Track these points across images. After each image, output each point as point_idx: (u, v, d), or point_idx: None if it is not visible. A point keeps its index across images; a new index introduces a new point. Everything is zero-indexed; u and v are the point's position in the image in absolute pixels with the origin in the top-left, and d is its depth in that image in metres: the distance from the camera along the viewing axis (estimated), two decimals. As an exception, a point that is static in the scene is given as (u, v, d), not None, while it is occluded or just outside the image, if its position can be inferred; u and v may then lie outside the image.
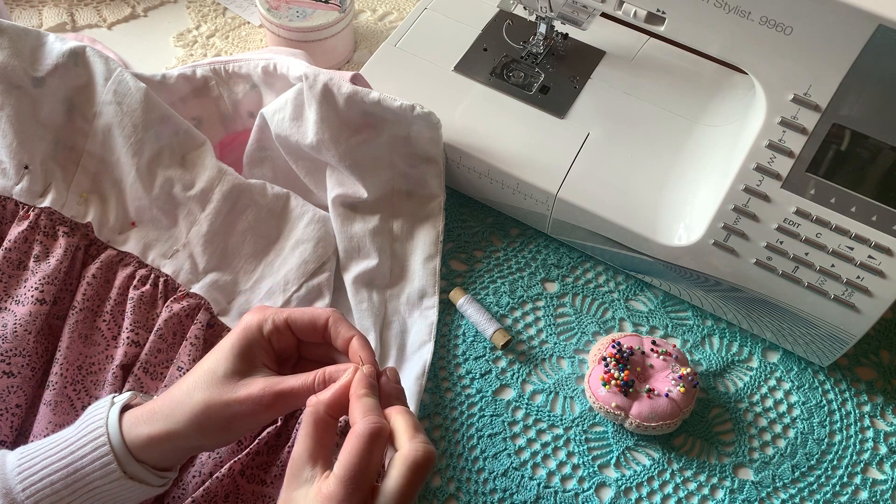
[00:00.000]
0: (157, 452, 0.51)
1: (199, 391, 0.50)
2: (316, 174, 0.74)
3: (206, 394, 0.50)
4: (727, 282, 0.68)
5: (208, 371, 0.51)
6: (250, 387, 0.50)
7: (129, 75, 0.70)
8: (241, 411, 0.50)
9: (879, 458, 0.68)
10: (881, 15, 0.51)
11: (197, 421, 0.50)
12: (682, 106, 0.76)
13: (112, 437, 0.50)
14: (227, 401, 0.49)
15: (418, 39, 0.81)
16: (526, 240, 0.77)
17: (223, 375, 0.50)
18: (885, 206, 0.59)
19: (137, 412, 0.51)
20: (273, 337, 0.53)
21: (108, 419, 0.50)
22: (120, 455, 0.50)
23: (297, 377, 0.50)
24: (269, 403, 0.50)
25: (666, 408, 0.65)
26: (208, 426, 0.50)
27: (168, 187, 0.71)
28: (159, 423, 0.50)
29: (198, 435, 0.50)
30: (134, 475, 0.50)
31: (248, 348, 0.51)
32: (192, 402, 0.50)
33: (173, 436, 0.50)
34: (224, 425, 0.51)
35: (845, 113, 0.57)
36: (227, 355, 0.51)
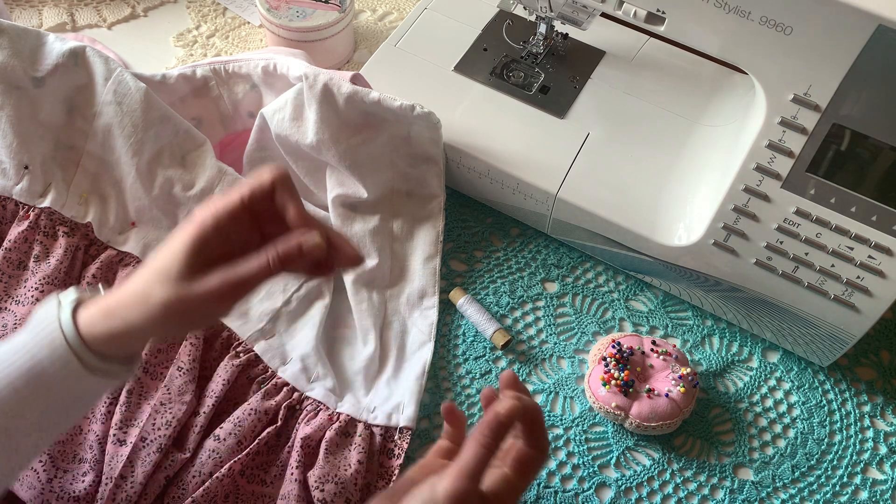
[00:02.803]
0: (119, 346, 0.50)
1: (155, 290, 0.48)
2: (316, 174, 0.74)
3: (163, 293, 0.48)
4: (727, 282, 0.68)
5: (163, 270, 0.49)
6: (208, 282, 0.48)
7: (129, 75, 0.70)
8: (202, 306, 0.49)
9: (879, 458, 0.68)
10: (881, 15, 0.51)
11: (157, 318, 0.48)
12: (682, 106, 0.76)
13: (69, 338, 0.48)
14: (186, 298, 0.48)
15: (418, 39, 0.81)
16: (526, 240, 0.77)
17: (178, 274, 0.48)
18: (885, 206, 0.59)
19: (92, 311, 0.49)
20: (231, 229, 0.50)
21: (62, 321, 0.49)
22: (81, 354, 0.48)
23: (251, 262, 0.49)
24: (230, 293, 0.49)
25: (666, 408, 0.65)
26: (169, 322, 0.49)
27: (168, 187, 0.71)
28: (118, 320, 0.49)
29: (160, 329, 0.49)
30: (99, 370, 0.49)
31: (202, 245, 0.49)
32: (149, 301, 0.48)
33: (134, 331, 0.49)
34: (186, 320, 0.50)
35: (845, 113, 0.57)
36: (181, 254, 0.49)
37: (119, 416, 0.61)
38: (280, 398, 0.64)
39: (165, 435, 0.60)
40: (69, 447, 0.61)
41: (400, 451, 0.63)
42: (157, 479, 0.59)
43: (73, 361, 0.48)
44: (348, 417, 0.63)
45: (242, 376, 0.65)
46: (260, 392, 0.63)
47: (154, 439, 0.60)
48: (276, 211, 0.50)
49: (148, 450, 0.59)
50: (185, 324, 0.51)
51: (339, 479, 0.59)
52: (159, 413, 0.61)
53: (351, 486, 0.59)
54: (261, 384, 0.65)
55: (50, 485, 0.58)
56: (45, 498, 0.58)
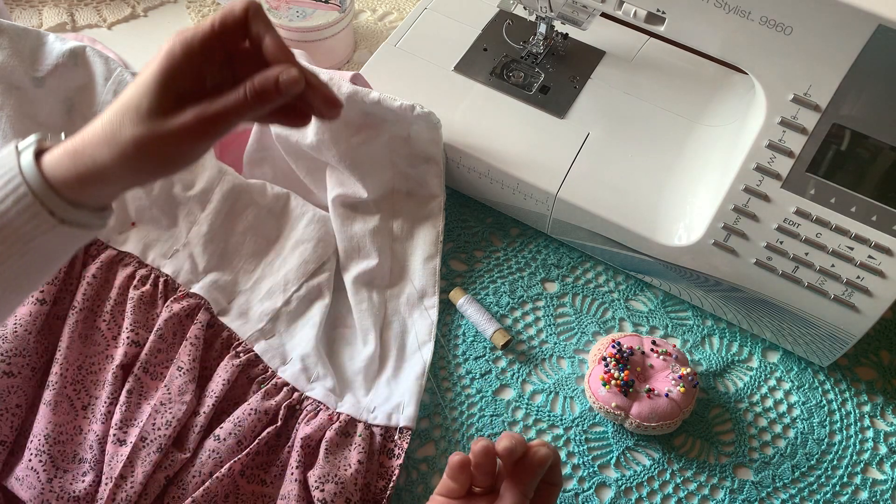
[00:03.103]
0: (89, 192, 0.47)
1: (125, 127, 0.45)
2: (316, 174, 0.74)
3: (134, 130, 0.45)
4: (727, 282, 0.68)
5: (133, 106, 0.46)
6: (182, 117, 0.45)
7: (129, 75, 0.70)
8: (178, 144, 0.46)
9: (879, 458, 0.68)
10: (881, 15, 0.52)
11: (128, 157, 0.45)
12: (682, 106, 0.76)
13: (34, 185, 0.45)
14: (158, 134, 0.45)
15: (418, 39, 0.81)
16: (526, 240, 0.77)
17: (149, 109, 0.45)
18: (885, 206, 0.59)
19: (56, 154, 0.46)
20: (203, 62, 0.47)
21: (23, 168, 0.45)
22: (48, 201, 0.45)
23: (227, 96, 0.46)
24: (206, 129, 0.46)
25: (666, 408, 0.65)
26: (142, 162, 0.46)
27: (168, 187, 0.71)
28: (86, 161, 0.45)
29: (133, 173, 0.47)
30: (70, 219, 0.46)
31: (173, 77, 0.46)
32: (119, 139, 0.45)
33: (104, 174, 0.46)
34: (159, 160, 0.47)
35: (845, 113, 0.57)
36: (152, 87, 0.45)
37: (119, 416, 0.61)
38: (280, 398, 0.64)
39: (165, 435, 0.60)
40: (69, 447, 0.61)
41: (400, 451, 0.63)
42: (157, 479, 0.59)
43: (41, 211, 0.45)
44: (348, 417, 0.63)
45: (242, 376, 0.65)
46: (260, 392, 0.63)
47: (154, 439, 0.60)
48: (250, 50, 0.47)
49: (148, 450, 0.59)
50: (159, 164, 0.47)
51: (339, 478, 0.59)
52: (159, 413, 0.61)
53: (351, 486, 0.59)
54: (261, 384, 0.65)
55: (50, 485, 0.58)
56: (45, 498, 0.58)
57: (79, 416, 0.62)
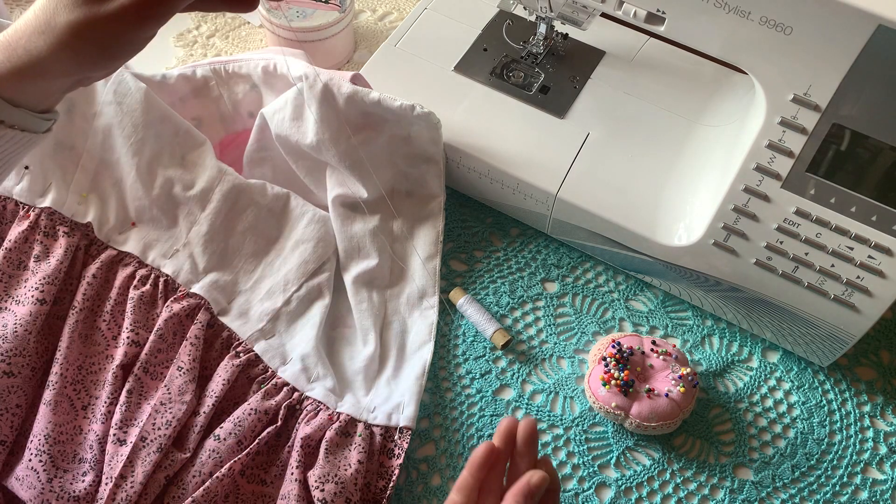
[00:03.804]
0: (29, 91, 0.44)
1: (59, 14, 0.42)
2: (316, 174, 0.74)
3: (70, 16, 0.42)
4: (727, 282, 0.68)
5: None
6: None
7: (129, 75, 0.70)
8: (117, 28, 0.43)
9: (879, 458, 0.68)
10: (881, 15, 0.52)
11: (68, 46, 0.42)
12: (682, 106, 0.76)
13: None
14: (97, 18, 0.42)
15: (418, 39, 0.81)
16: (526, 240, 0.77)
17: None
18: (885, 206, 0.59)
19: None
20: None
21: None
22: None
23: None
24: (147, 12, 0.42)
25: (666, 408, 0.65)
26: (83, 52, 0.43)
27: (168, 187, 0.71)
28: (20, 53, 0.43)
29: (73, 64, 0.44)
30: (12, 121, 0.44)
31: None
32: (54, 26, 0.42)
33: (42, 67, 0.43)
34: (100, 48, 0.43)
35: (845, 113, 0.57)
36: None
37: (119, 416, 0.61)
38: (280, 398, 0.64)
39: (165, 435, 0.60)
40: (69, 447, 0.61)
41: (400, 450, 0.63)
42: (157, 479, 0.59)
43: None
44: (348, 417, 0.63)
45: (242, 376, 0.65)
46: (260, 392, 0.63)
47: (154, 439, 0.60)
48: None
49: (148, 450, 0.59)
50: (98, 52, 0.44)
51: (339, 478, 0.59)
52: (159, 413, 0.61)
53: (351, 485, 0.59)
54: (261, 384, 0.65)
55: (50, 485, 0.58)
56: (45, 498, 0.58)
57: (79, 416, 0.62)
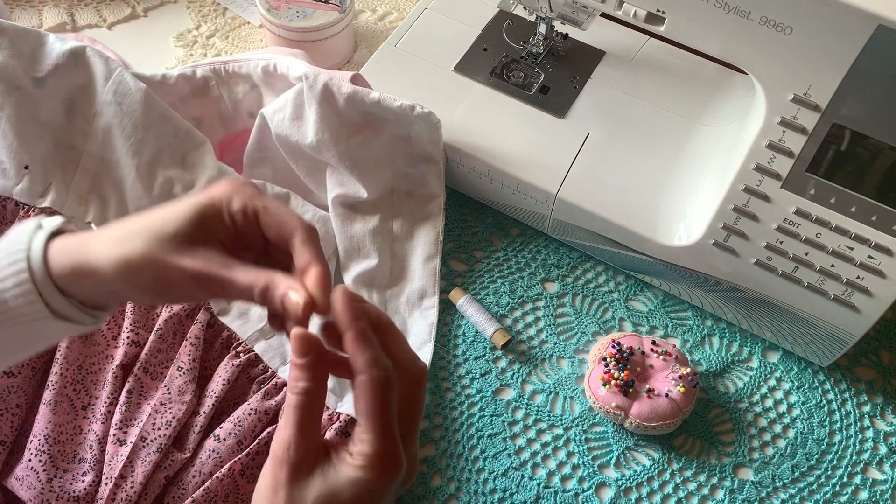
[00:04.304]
0: (82, 288, 0.45)
1: (140, 239, 0.44)
2: (316, 174, 0.74)
3: (148, 246, 0.44)
4: (727, 282, 0.68)
5: (160, 223, 0.44)
6: (195, 258, 0.44)
7: (129, 75, 0.70)
8: (176, 280, 0.44)
9: (879, 458, 0.68)
10: (881, 15, 0.51)
11: (127, 270, 0.44)
12: (682, 106, 0.76)
13: (34, 267, 0.44)
14: (167, 264, 0.44)
15: (418, 39, 0.81)
16: (526, 240, 0.77)
17: (173, 234, 0.44)
18: (885, 206, 0.59)
19: (68, 240, 0.45)
20: (238, 220, 0.45)
21: (31, 246, 0.44)
22: (43, 288, 0.44)
23: (245, 272, 0.44)
24: (207, 284, 0.44)
25: (666, 408, 0.65)
26: (138, 280, 0.44)
27: (168, 187, 0.71)
28: (86, 256, 0.44)
29: (124, 284, 0.45)
30: (60, 312, 0.45)
31: (209, 219, 0.45)
32: (128, 248, 0.44)
33: (98, 275, 0.44)
34: (153, 286, 0.45)
35: (845, 113, 0.57)
36: (185, 217, 0.44)
37: (119, 416, 0.61)
38: (280, 398, 0.63)
39: (165, 435, 0.60)
40: (69, 447, 0.61)
41: (400, 451, 0.63)
42: (157, 479, 0.59)
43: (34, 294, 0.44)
44: (348, 417, 0.63)
45: (242, 376, 0.65)
46: (260, 392, 0.63)
47: (154, 439, 0.60)
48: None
49: (148, 450, 0.59)
50: (153, 291, 0.45)
51: (339, 479, 0.59)
52: (159, 413, 0.61)
53: (351, 486, 0.59)
54: (261, 384, 0.65)
55: (50, 485, 0.58)
56: (44, 498, 0.58)
57: (79, 416, 0.62)
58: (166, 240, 0.44)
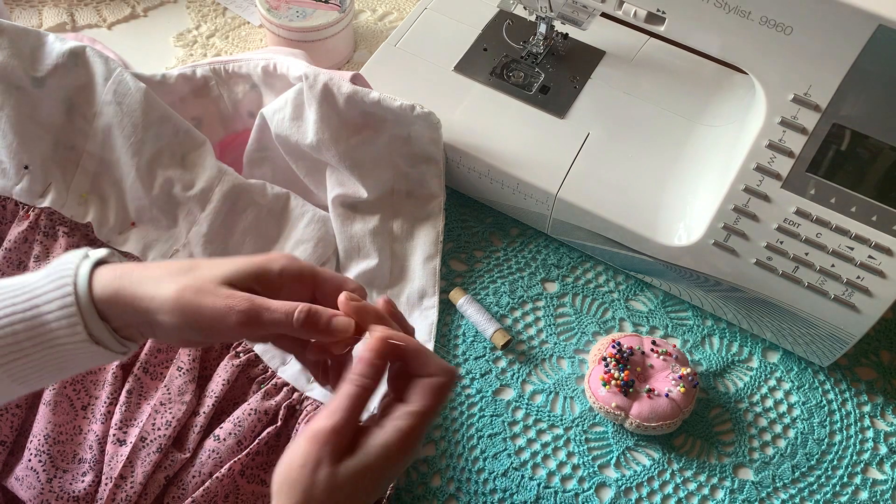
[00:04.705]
0: (120, 313, 0.47)
1: (182, 277, 0.47)
2: (316, 174, 0.74)
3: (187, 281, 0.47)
4: (727, 282, 0.68)
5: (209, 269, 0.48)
6: (234, 298, 0.46)
7: (129, 75, 0.70)
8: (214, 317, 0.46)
9: (879, 458, 0.68)
10: (881, 15, 0.51)
11: (167, 303, 0.46)
12: (682, 106, 0.76)
13: (80, 291, 0.46)
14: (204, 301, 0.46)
15: (418, 39, 0.81)
16: (526, 240, 0.77)
17: (221, 276, 0.47)
18: (885, 206, 0.59)
19: (113, 267, 0.48)
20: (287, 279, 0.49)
21: (78, 271, 0.47)
22: (86, 312, 0.46)
23: (281, 304, 0.47)
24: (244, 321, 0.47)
25: (666, 408, 0.65)
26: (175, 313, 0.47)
27: (168, 187, 0.71)
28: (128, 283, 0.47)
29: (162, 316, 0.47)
30: (95, 335, 0.47)
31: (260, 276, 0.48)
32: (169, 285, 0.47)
33: (137, 303, 0.47)
34: (190, 322, 0.47)
35: (845, 113, 0.57)
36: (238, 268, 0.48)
37: (119, 416, 0.61)
38: (280, 398, 0.63)
39: (165, 435, 0.60)
40: (69, 447, 0.61)
41: (400, 451, 0.63)
42: (157, 479, 0.59)
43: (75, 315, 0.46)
44: (348, 417, 0.63)
45: (242, 376, 0.65)
46: (260, 392, 0.63)
47: (154, 439, 0.60)
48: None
49: (148, 450, 0.59)
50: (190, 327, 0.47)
51: (339, 479, 0.59)
52: (159, 413, 0.61)
53: (351, 486, 0.59)
54: (261, 384, 0.65)
55: (50, 485, 0.58)
56: (44, 498, 0.58)
57: (79, 416, 0.62)
58: (212, 281, 0.47)
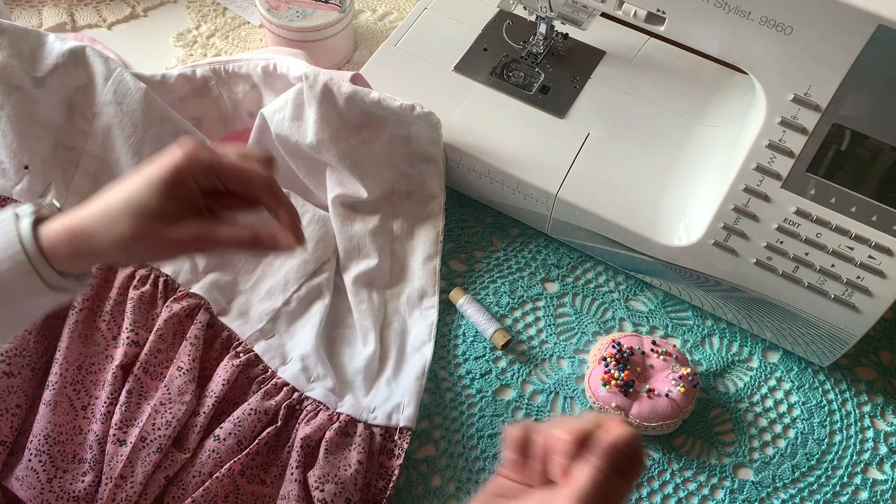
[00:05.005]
0: (79, 266, 0.51)
1: (126, 222, 0.49)
2: (316, 174, 0.74)
3: (136, 227, 0.49)
4: (727, 282, 0.68)
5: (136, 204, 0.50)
6: (182, 231, 0.50)
7: (129, 75, 0.70)
8: (170, 248, 0.51)
9: (879, 458, 0.68)
10: (881, 15, 0.51)
11: (123, 247, 0.50)
12: (682, 106, 0.76)
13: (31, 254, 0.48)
14: (157, 239, 0.50)
15: (418, 39, 0.81)
16: (526, 240, 0.77)
17: (155, 212, 0.49)
18: (885, 206, 0.59)
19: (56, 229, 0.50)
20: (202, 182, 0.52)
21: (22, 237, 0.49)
22: (42, 271, 0.49)
23: (230, 230, 0.51)
24: (200, 248, 0.52)
25: (666, 408, 0.65)
26: (134, 252, 0.51)
27: (168, 187, 0.70)
28: (83, 242, 0.49)
29: (121, 256, 0.52)
30: (57, 286, 0.50)
31: (179, 188, 0.50)
32: (118, 230, 0.49)
33: (97, 255, 0.50)
34: (149, 255, 0.52)
35: (845, 113, 0.57)
36: (158, 192, 0.50)
37: (119, 416, 0.61)
38: (280, 398, 0.63)
39: (165, 435, 0.60)
40: (69, 447, 0.61)
41: (400, 451, 0.63)
42: (157, 479, 0.59)
43: (35, 278, 0.48)
44: (348, 417, 0.63)
45: (242, 376, 0.65)
46: (260, 392, 0.63)
47: (154, 439, 0.60)
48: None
49: (148, 450, 0.59)
50: (148, 255, 0.53)
51: (339, 479, 0.59)
52: (159, 413, 0.61)
53: (351, 486, 0.59)
54: (261, 384, 0.65)
55: (50, 485, 0.58)
56: (44, 498, 0.58)
57: (79, 416, 0.62)
58: (150, 219, 0.49)
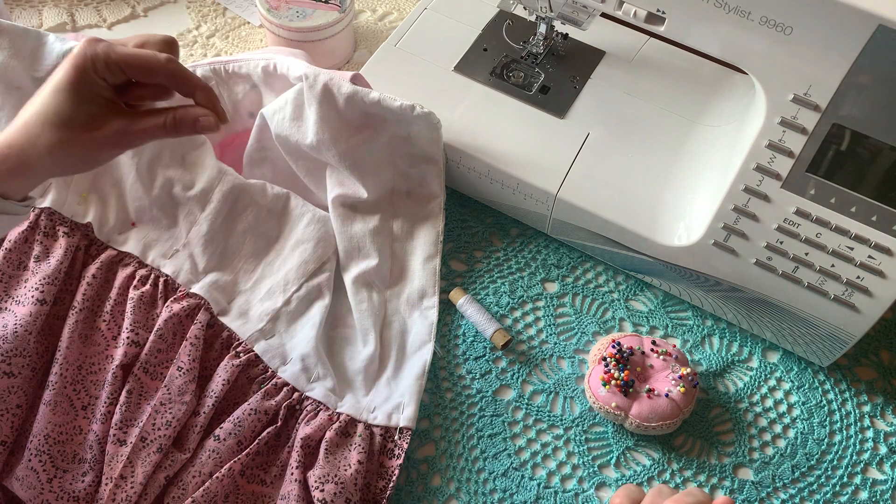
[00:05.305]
0: (19, 187, 0.52)
1: (47, 132, 0.51)
2: (316, 174, 0.74)
3: (57, 135, 0.51)
4: (727, 282, 0.68)
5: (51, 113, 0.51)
6: (106, 128, 0.52)
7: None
8: (98, 150, 0.53)
9: (879, 458, 0.68)
10: (881, 15, 0.52)
11: (52, 158, 0.51)
12: (682, 106, 0.76)
13: None
14: (82, 142, 0.51)
15: (418, 39, 0.81)
16: (526, 240, 0.77)
17: (72, 119, 0.51)
18: (885, 206, 0.59)
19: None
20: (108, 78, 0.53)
21: None
22: None
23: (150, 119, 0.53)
24: (125, 144, 0.54)
25: (666, 408, 0.65)
26: (66, 162, 0.52)
27: (168, 187, 0.71)
28: (14, 161, 0.51)
29: (56, 168, 0.53)
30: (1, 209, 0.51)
31: (85, 87, 0.51)
32: (42, 141, 0.51)
33: (31, 170, 0.51)
34: (81, 161, 0.54)
35: (845, 113, 0.57)
36: (68, 97, 0.51)
37: (119, 416, 0.61)
38: (280, 398, 0.64)
39: (165, 435, 0.60)
40: (69, 447, 0.61)
41: (400, 451, 0.63)
42: (157, 479, 0.59)
43: None
44: (348, 417, 0.63)
45: (242, 376, 0.65)
46: (260, 392, 0.63)
47: (154, 439, 0.60)
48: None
49: (148, 450, 0.59)
50: (79, 162, 0.54)
51: (339, 479, 0.59)
52: (159, 413, 0.61)
53: (351, 486, 0.59)
54: (261, 384, 0.65)
55: (50, 485, 0.58)
56: (44, 498, 0.58)
57: (79, 416, 0.62)
58: (68, 125, 0.51)
